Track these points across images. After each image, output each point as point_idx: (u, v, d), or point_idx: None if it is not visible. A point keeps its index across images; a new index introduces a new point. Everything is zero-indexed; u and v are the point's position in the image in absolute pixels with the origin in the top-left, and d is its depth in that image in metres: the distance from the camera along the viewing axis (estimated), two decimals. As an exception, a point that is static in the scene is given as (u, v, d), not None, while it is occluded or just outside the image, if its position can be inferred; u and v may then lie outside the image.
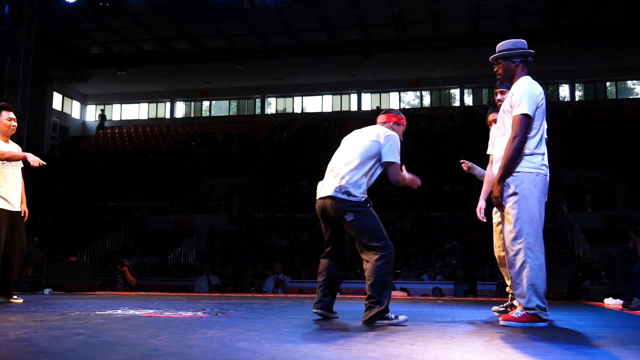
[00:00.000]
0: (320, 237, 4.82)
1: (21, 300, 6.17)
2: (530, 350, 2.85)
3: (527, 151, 3.99)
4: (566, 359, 2.58)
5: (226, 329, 3.55)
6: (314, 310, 4.36)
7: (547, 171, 4.06)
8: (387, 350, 2.69)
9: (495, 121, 5.04)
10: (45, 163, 5.84)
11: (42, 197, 20.72)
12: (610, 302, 6.77)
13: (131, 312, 4.77)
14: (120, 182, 22.49)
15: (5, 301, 6.03)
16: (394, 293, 9.56)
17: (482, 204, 5.07)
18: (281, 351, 2.67)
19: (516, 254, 3.93)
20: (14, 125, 6.10)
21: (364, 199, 4.27)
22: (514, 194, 3.96)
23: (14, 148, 6.18)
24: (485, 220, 5.04)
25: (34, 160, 5.74)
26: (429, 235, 16.04)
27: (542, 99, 4.06)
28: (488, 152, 5.05)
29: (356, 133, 4.58)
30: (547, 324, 3.92)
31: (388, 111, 4.68)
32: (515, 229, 3.93)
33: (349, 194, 4.22)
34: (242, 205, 19.76)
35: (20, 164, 6.13)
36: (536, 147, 4.02)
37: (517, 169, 3.97)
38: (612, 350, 2.87)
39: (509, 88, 4.74)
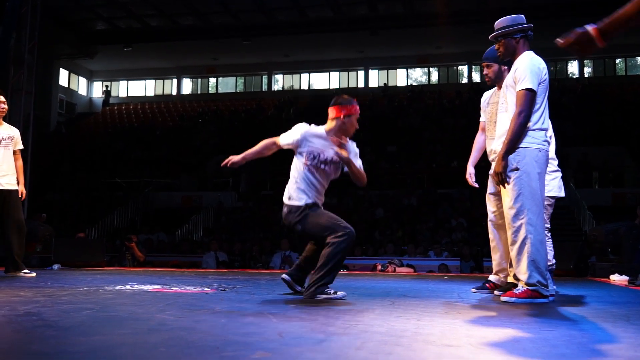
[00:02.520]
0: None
1: (33, 274, 6.27)
2: (536, 326, 2.86)
3: (529, 126, 3.95)
4: (571, 334, 2.59)
5: (234, 305, 3.58)
6: (282, 276, 4.46)
7: (548, 147, 4.03)
8: (393, 326, 2.70)
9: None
10: (24, 192, 6.42)
11: (50, 174, 20.81)
12: (616, 278, 6.79)
13: (139, 287, 4.82)
14: (128, 159, 22.54)
15: (14, 275, 6.13)
16: (400, 269, 9.67)
17: (470, 169, 5.10)
18: (288, 326, 2.69)
19: (517, 230, 3.91)
20: (2, 108, 6.38)
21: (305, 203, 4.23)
22: (516, 169, 3.93)
23: (5, 130, 6.43)
24: (477, 186, 5.05)
25: None
26: (435, 212, 16.04)
27: (545, 74, 4.01)
28: (481, 120, 5.04)
29: None
30: (548, 299, 3.93)
31: (337, 103, 4.33)
32: (517, 206, 3.91)
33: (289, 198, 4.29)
34: (249, 182, 19.78)
35: (10, 145, 6.33)
36: (539, 123, 3.99)
37: (519, 144, 3.94)
38: (617, 325, 2.88)
39: (496, 61, 4.71)
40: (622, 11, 2.41)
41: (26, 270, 6.32)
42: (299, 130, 4.31)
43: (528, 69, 3.95)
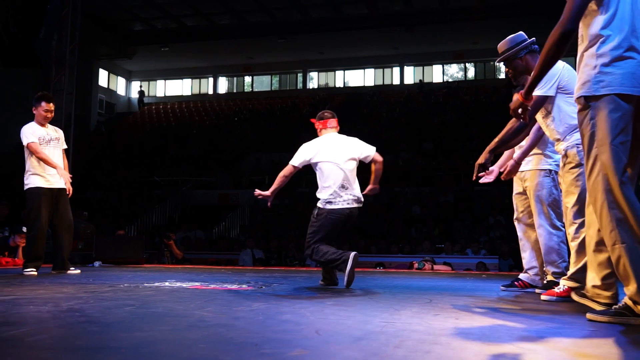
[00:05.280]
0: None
1: (79, 271, 6.42)
2: (578, 325, 2.81)
3: None
4: (613, 333, 2.53)
5: (271, 302, 3.60)
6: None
7: None
8: (431, 324, 2.69)
9: None
10: (71, 189, 6.36)
11: (90, 172, 21.23)
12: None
13: (178, 284, 4.88)
14: (165, 158, 22.85)
15: (62, 273, 6.27)
16: (437, 267, 9.59)
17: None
18: (325, 323, 2.69)
19: (580, 227, 3.82)
20: (49, 116, 6.46)
21: None
22: (579, 165, 3.84)
23: (51, 132, 6.48)
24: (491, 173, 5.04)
25: (63, 174, 6.19)
26: (472, 209, 15.87)
27: (559, 74, 3.98)
28: None
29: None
30: None
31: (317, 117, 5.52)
32: (580, 203, 3.82)
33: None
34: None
35: (59, 146, 6.44)
36: None
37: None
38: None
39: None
40: (533, 74, 3.03)
41: (72, 268, 6.48)
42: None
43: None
